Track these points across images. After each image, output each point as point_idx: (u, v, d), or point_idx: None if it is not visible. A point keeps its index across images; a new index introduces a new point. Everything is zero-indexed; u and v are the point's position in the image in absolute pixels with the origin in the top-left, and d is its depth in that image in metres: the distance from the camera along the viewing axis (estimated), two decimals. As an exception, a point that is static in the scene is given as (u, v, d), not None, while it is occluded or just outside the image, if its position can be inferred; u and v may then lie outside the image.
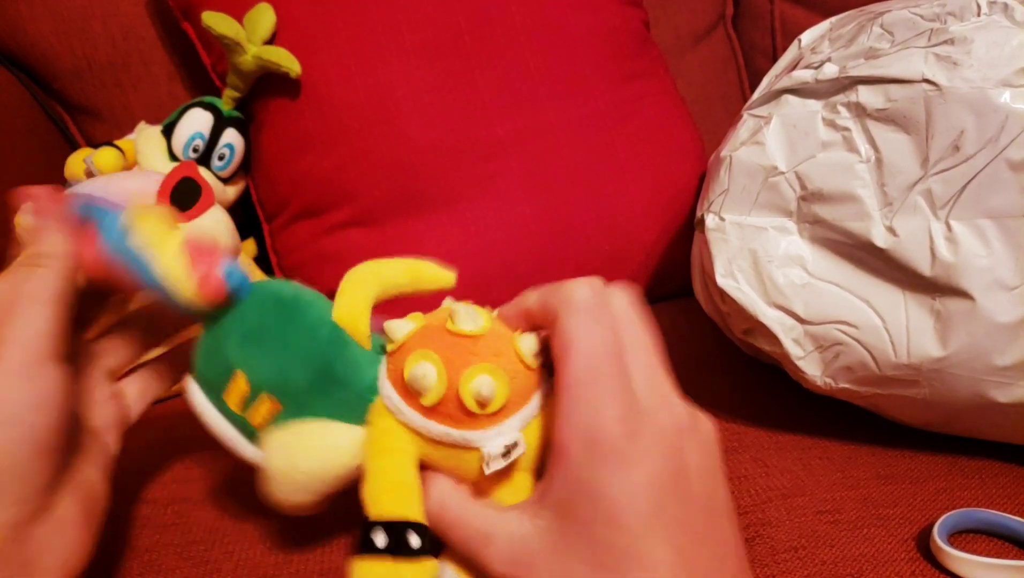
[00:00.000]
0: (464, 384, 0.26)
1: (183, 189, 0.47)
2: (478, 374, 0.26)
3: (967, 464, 0.40)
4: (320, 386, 0.28)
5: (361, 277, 0.30)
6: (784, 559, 0.34)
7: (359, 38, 0.58)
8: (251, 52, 0.56)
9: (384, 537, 0.25)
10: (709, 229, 0.43)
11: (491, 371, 0.26)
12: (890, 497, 0.37)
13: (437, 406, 0.26)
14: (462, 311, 0.27)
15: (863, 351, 0.37)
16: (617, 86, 0.62)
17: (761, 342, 0.42)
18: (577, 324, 0.25)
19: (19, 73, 0.65)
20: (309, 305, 0.29)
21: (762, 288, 0.40)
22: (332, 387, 0.28)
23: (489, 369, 0.26)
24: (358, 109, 0.58)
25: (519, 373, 0.27)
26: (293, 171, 0.60)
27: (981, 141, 0.34)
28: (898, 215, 0.36)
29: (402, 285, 0.31)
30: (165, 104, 0.67)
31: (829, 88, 0.39)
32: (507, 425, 0.26)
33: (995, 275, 0.34)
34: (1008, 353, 0.34)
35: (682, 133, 0.65)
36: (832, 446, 0.42)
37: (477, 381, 0.26)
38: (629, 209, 0.60)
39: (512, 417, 0.27)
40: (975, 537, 0.34)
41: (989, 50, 0.34)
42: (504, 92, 0.59)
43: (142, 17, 0.66)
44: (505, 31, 0.59)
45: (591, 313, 0.25)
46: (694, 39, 0.78)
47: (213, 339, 0.30)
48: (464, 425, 0.26)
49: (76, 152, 0.60)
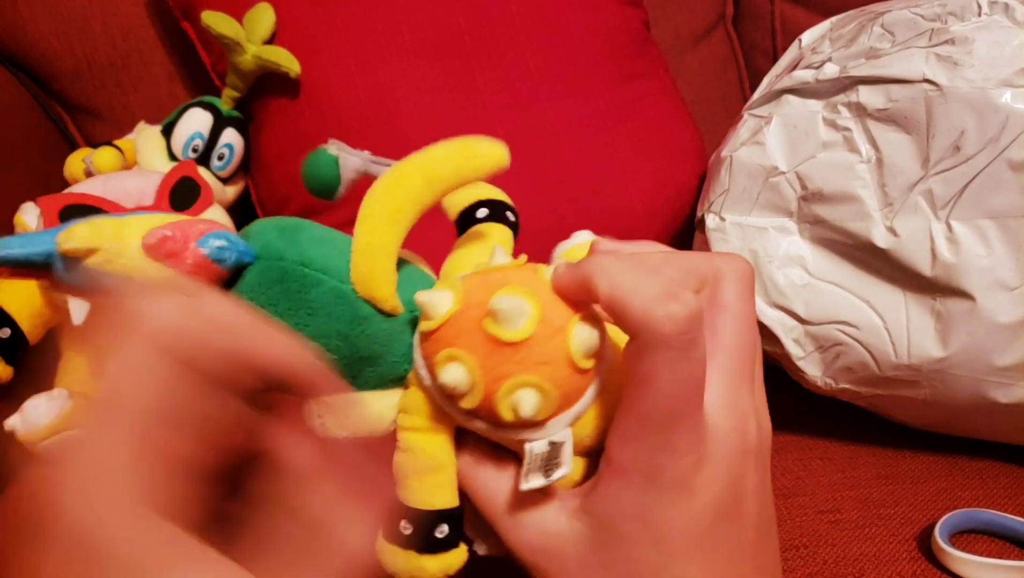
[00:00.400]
0: (502, 398, 0.22)
1: (182, 189, 0.47)
2: (518, 389, 0.22)
3: (968, 464, 0.40)
4: (348, 367, 0.25)
5: (382, 212, 0.25)
6: (786, 558, 0.34)
7: (359, 38, 0.58)
8: (251, 52, 0.56)
9: (410, 527, 0.24)
10: (709, 229, 0.43)
11: (535, 384, 0.22)
12: (891, 497, 0.37)
13: (474, 409, 0.23)
14: (506, 306, 0.22)
15: (863, 351, 0.37)
16: (617, 86, 0.62)
17: (762, 343, 0.42)
18: (660, 362, 0.20)
19: (19, 73, 0.65)
20: (319, 279, 0.24)
21: (762, 288, 0.40)
22: (361, 366, 0.25)
23: (532, 382, 0.22)
24: (358, 109, 0.57)
25: (568, 379, 0.23)
26: (293, 171, 0.60)
27: (982, 141, 0.34)
28: (899, 215, 0.36)
29: (442, 191, 0.25)
30: (165, 104, 0.67)
31: (830, 88, 0.39)
32: (552, 426, 0.23)
33: (996, 275, 0.34)
34: (1008, 353, 0.34)
35: (682, 133, 0.65)
36: (833, 446, 0.42)
37: (516, 396, 0.22)
38: (629, 209, 0.60)
39: (559, 417, 0.23)
40: (976, 537, 0.34)
41: (990, 50, 0.34)
42: (504, 92, 0.59)
43: (142, 17, 0.66)
44: (505, 31, 0.59)
45: (679, 349, 0.20)
46: (694, 39, 0.78)
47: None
48: (503, 428, 0.23)
49: (75, 152, 0.60)
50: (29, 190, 0.54)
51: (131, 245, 0.22)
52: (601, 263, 0.22)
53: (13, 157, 0.56)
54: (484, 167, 0.26)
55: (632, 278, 0.21)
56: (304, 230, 0.26)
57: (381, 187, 0.25)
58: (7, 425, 0.43)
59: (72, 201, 0.43)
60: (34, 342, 0.46)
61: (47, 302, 0.45)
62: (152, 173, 0.48)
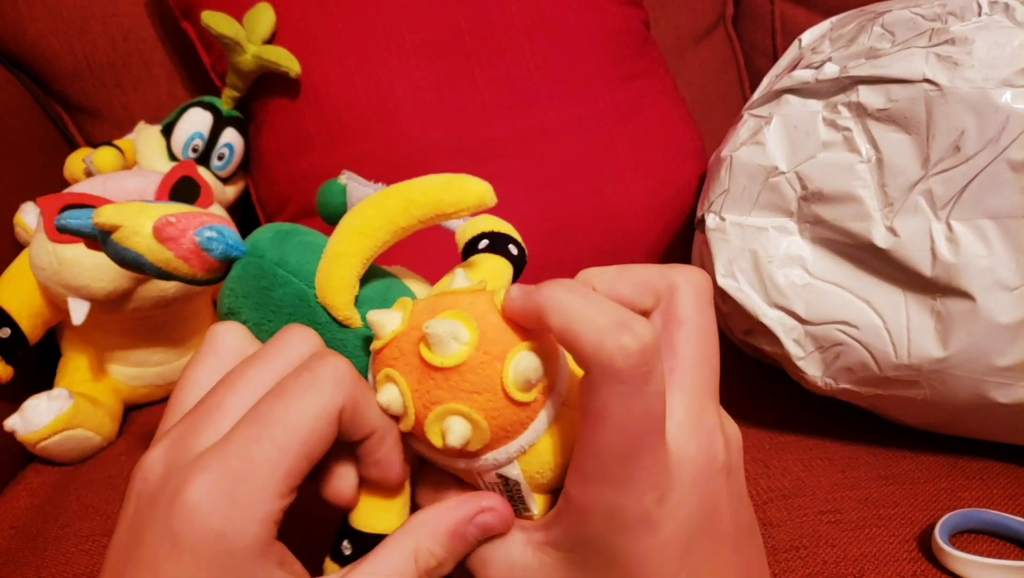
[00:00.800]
0: (431, 424, 0.22)
1: (182, 188, 0.47)
2: (447, 416, 0.22)
3: (968, 465, 0.40)
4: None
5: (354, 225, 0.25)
6: (786, 559, 0.34)
7: (359, 38, 0.58)
8: (251, 52, 0.56)
9: (351, 549, 0.23)
10: (710, 229, 0.43)
11: (463, 413, 0.22)
12: (891, 497, 0.37)
13: (409, 432, 0.23)
14: (438, 331, 0.21)
15: (864, 351, 0.37)
16: (617, 86, 0.62)
17: (761, 342, 0.42)
18: (613, 396, 0.19)
19: (19, 73, 0.65)
20: (288, 280, 0.25)
21: (763, 288, 0.40)
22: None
23: (461, 410, 0.22)
24: (358, 109, 0.58)
25: (503, 411, 0.22)
26: (293, 171, 0.60)
27: (982, 141, 0.34)
28: (899, 215, 0.36)
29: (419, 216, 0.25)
30: (165, 104, 0.67)
31: (830, 88, 0.39)
32: (489, 458, 0.23)
33: (996, 276, 0.34)
34: (1008, 353, 0.34)
35: (682, 133, 0.65)
36: (833, 447, 0.42)
37: (445, 424, 0.22)
38: (629, 209, 0.60)
39: (497, 450, 0.22)
40: (976, 537, 0.34)
41: (990, 50, 0.34)
42: (504, 92, 0.59)
43: (142, 17, 0.66)
44: (505, 31, 0.59)
45: (632, 384, 0.19)
46: (694, 39, 0.78)
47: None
48: (441, 455, 0.23)
49: (76, 152, 0.60)
50: (29, 190, 0.54)
51: (145, 226, 0.25)
52: (553, 292, 0.21)
53: (13, 157, 0.56)
54: (464, 201, 0.26)
55: (583, 308, 0.20)
56: (296, 236, 0.27)
57: (362, 205, 0.26)
58: (7, 425, 0.43)
59: (72, 201, 0.43)
60: (34, 342, 0.46)
61: (47, 302, 0.45)
62: (152, 173, 0.48)
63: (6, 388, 0.45)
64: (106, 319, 0.45)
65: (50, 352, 0.50)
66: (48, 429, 0.43)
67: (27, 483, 0.44)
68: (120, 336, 0.49)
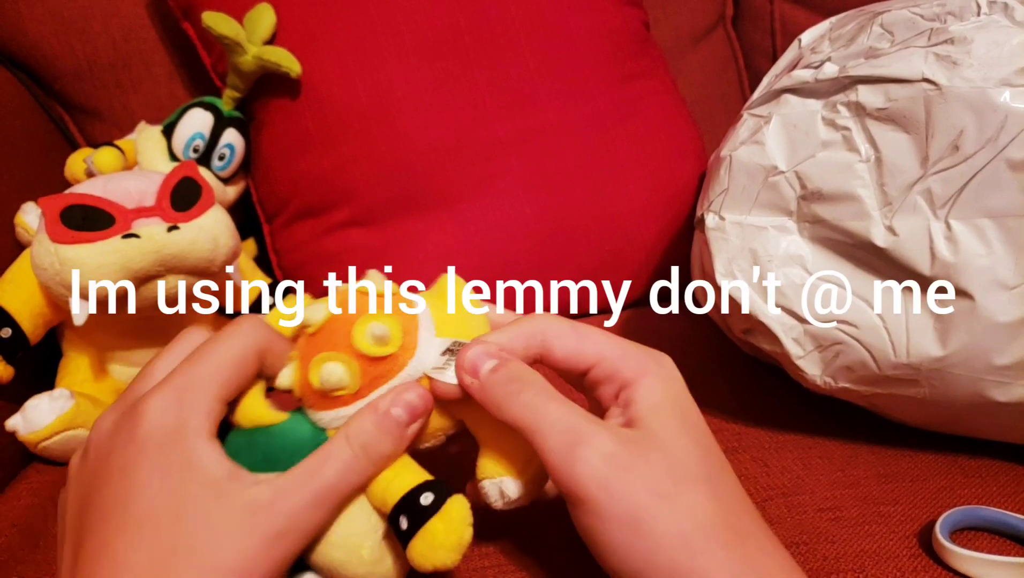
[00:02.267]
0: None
1: (183, 189, 0.47)
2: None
3: (967, 463, 0.40)
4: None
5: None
6: (785, 557, 0.34)
7: (359, 38, 0.58)
8: (251, 52, 0.56)
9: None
10: (709, 229, 0.43)
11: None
12: (890, 496, 0.37)
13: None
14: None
15: (863, 350, 0.37)
16: (617, 86, 0.62)
17: (761, 341, 0.42)
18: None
19: (19, 73, 0.65)
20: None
21: (762, 287, 0.40)
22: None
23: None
24: (358, 109, 0.58)
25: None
26: (293, 171, 0.60)
27: (981, 140, 0.34)
28: (898, 214, 0.36)
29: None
30: (165, 104, 0.67)
31: (829, 88, 0.39)
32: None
33: (995, 275, 0.34)
34: (1008, 352, 0.34)
35: (682, 133, 0.65)
36: (832, 445, 0.42)
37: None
38: (629, 209, 0.60)
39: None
40: (977, 534, 0.34)
41: (989, 50, 0.34)
42: (504, 92, 0.59)
43: (142, 17, 0.66)
44: (505, 31, 0.59)
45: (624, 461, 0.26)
46: (694, 39, 0.79)
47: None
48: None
49: (76, 152, 0.60)
50: (30, 190, 0.54)
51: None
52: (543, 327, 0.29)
53: (14, 157, 0.56)
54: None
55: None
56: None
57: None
58: (8, 425, 0.43)
59: (73, 201, 0.43)
60: (34, 342, 0.46)
61: (48, 302, 0.45)
62: (153, 173, 0.48)
63: (7, 388, 0.45)
64: (107, 319, 0.45)
65: (51, 352, 0.50)
66: (49, 429, 0.43)
67: (28, 482, 0.44)
68: (121, 336, 0.49)
